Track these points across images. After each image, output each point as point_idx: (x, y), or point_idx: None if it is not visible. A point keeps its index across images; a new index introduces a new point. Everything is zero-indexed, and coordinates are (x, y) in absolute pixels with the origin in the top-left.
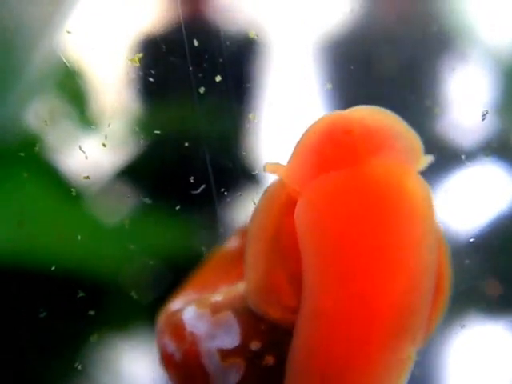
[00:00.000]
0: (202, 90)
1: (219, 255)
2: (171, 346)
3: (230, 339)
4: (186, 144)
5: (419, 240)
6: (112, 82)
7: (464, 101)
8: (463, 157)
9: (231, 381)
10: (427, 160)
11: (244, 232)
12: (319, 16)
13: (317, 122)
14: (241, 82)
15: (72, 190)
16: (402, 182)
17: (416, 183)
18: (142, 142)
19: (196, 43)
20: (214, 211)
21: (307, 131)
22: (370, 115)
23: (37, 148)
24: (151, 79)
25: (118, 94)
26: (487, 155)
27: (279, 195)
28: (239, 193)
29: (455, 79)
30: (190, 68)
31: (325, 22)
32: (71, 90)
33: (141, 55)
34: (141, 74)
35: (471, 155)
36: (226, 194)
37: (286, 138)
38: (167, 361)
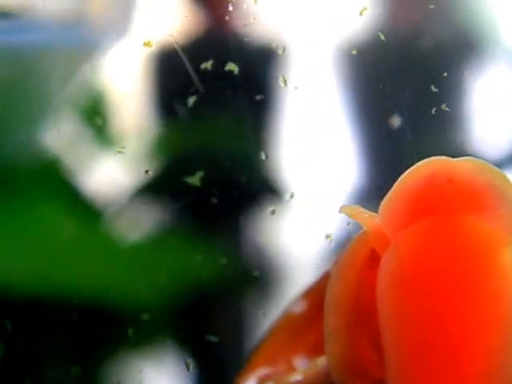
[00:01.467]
0: (219, 104)
1: (285, 321)
2: None
3: None
4: (207, 163)
5: (503, 324)
6: (130, 100)
7: (488, 109)
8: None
9: None
10: None
11: (313, 294)
12: (338, 26)
13: (418, 166)
14: (260, 95)
15: (91, 211)
16: (495, 255)
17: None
18: (161, 161)
19: (217, 58)
20: (237, 231)
21: (405, 176)
22: (478, 169)
23: (55, 170)
24: (169, 95)
25: (137, 113)
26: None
27: (359, 258)
28: (269, 209)
29: (479, 87)
30: (209, 83)
31: (343, 31)
32: (89, 109)
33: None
34: (159, 90)
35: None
36: (248, 213)
37: (306, 150)
38: None
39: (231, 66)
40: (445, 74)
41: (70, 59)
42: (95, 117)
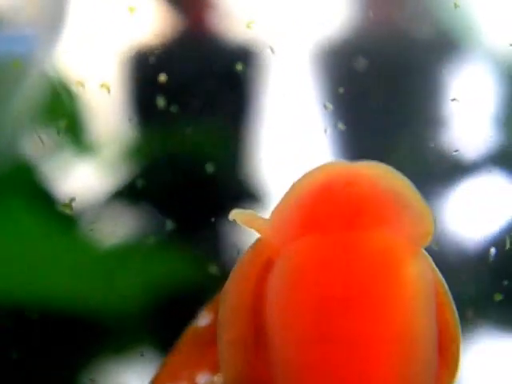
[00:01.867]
0: (200, 110)
1: (190, 335)
2: None
3: None
4: (185, 168)
5: (409, 338)
6: (106, 106)
7: (467, 109)
8: (467, 166)
9: None
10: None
11: (213, 308)
12: (317, 27)
13: (314, 170)
14: (241, 102)
15: (66, 217)
16: (400, 266)
17: (416, 271)
18: (138, 166)
19: (193, 61)
20: (216, 236)
21: (301, 179)
22: (380, 175)
23: (30, 176)
24: (147, 100)
25: (113, 118)
26: (492, 165)
27: (253, 270)
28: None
29: (458, 86)
30: (188, 88)
31: (322, 33)
32: (65, 115)
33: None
34: (136, 94)
35: (475, 165)
36: (227, 217)
37: (287, 156)
38: None
39: (211, 68)
40: (423, 74)
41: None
42: (70, 123)
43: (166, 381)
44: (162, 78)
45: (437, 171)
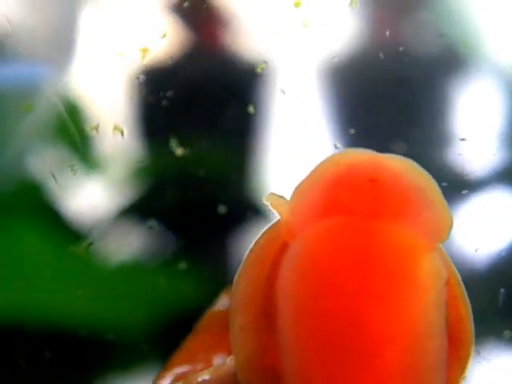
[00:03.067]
0: (208, 126)
1: (209, 319)
2: None
3: None
4: (192, 185)
5: (414, 331)
6: (114, 123)
7: (474, 125)
8: (473, 185)
9: None
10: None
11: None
12: (322, 43)
13: (339, 155)
14: (248, 118)
15: (73, 236)
16: (415, 263)
17: (432, 268)
18: (145, 184)
19: (202, 78)
20: (222, 254)
21: (325, 162)
22: (404, 170)
23: (37, 194)
24: (154, 117)
25: (120, 135)
26: (497, 182)
27: (268, 254)
28: (255, 230)
29: (464, 102)
30: (197, 105)
31: (328, 49)
32: (72, 133)
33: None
34: (144, 111)
35: (481, 183)
36: (234, 234)
37: (294, 168)
38: None
39: (220, 85)
40: (429, 90)
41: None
42: (78, 141)
43: (183, 362)
44: (170, 94)
45: (442, 188)
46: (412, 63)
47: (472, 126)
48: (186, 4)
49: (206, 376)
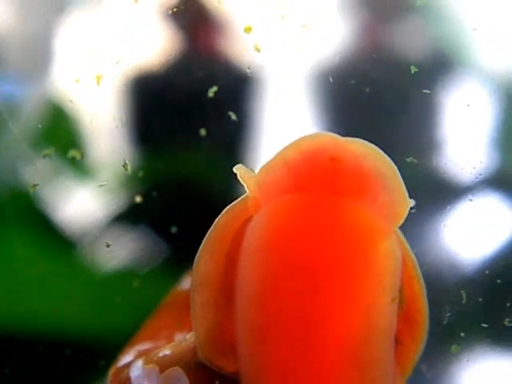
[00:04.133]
0: (201, 131)
1: (174, 297)
2: None
3: None
4: (185, 192)
5: (367, 309)
6: (106, 128)
7: (463, 131)
8: (463, 190)
9: None
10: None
11: None
12: (313, 51)
13: (305, 137)
14: (241, 125)
15: (65, 241)
16: (372, 244)
17: (387, 249)
18: (137, 190)
19: (196, 83)
20: None
21: (291, 143)
22: (365, 152)
23: (29, 201)
24: (148, 122)
25: (113, 140)
26: (487, 187)
27: (226, 234)
28: None
29: (454, 109)
30: (190, 111)
31: (317, 58)
32: (63, 139)
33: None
34: (136, 116)
35: (471, 188)
36: None
37: None
38: None
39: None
40: (419, 96)
41: None
42: (71, 148)
43: (146, 339)
44: (161, 100)
45: (432, 193)
46: (400, 68)
47: (461, 131)
48: (179, 10)
49: (166, 351)
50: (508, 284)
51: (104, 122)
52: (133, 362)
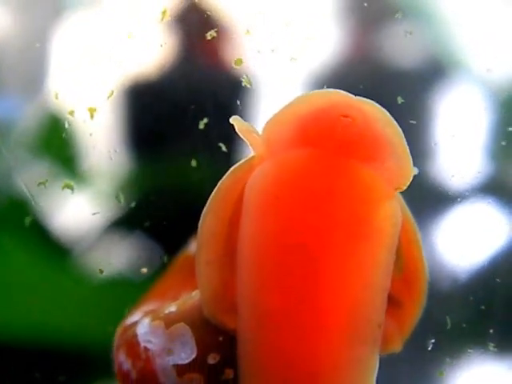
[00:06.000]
0: (196, 142)
1: (182, 260)
2: (126, 364)
3: (186, 353)
4: (180, 200)
5: (368, 274)
6: (101, 137)
7: (457, 137)
8: (458, 197)
9: None
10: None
11: None
12: (304, 58)
13: (316, 93)
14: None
15: (60, 249)
16: (375, 206)
17: (389, 214)
18: (132, 198)
19: (188, 91)
20: None
21: (300, 97)
22: (378, 116)
23: (24, 208)
24: (143, 131)
25: (107, 150)
26: (482, 195)
27: (230, 195)
28: None
29: (447, 115)
30: (187, 120)
31: (309, 64)
32: (59, 147)
33: None
34: (132, 125)
35: (465, 194)
36: None
37: None
38: (123, 380)
39: (211, 100)
40: (412, 103)
41: None
42: (65, 154)
43: (153, 300)
44: (158, 108)
45: (426, 201)
46: (392, 74)
47: (454, 138)
48: (181, 17)
49: (172, 308)
50: (491, 310)
51: (100, 131)
52: (140, 320)
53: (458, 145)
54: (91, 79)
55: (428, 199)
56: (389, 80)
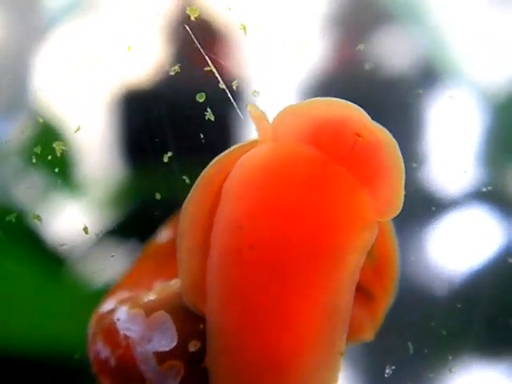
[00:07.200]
0: (192, 151)
1: (153, 248)
2: (104, 352)
3: (166, 341)
4: (174, 208)
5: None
6: (95, 145)
7: (452, 143)
8: (450, 202)
9: None
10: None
11: (177, 223)
12: (293, 66)
13: (339, 101)
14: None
15: (55, 258)
16: (354, 235)
17: (363, 245)
18: (127, 206)
19: (189, 101)
20: None
21: (324, 100)
22: (387, 142)
23: (19, 218)
24: (136, 137)
25: (102, 157)
26: (473, 200)
27: (213, 183)
28: None
29: (442, 120)
30: (182, 129)
31: (299, 72)
32: (54, 156)
33: None
34: (125, 132)
35: (458, 200)
36: None
37: None
38: (101, 368)
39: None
40: (403, 109)
41: None
42: (60, 165)
43: (125, 288)
44: (154, 115)
45: (417, 207)
46: (385, 79)
47: (447, 143)
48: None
49: (151, 296)
50: (451, 336)
51: (94, 139)
52: (116, 308)
53: (452, 151)
54: (84, 89)
55: (421, 205)
56: (382, 86)
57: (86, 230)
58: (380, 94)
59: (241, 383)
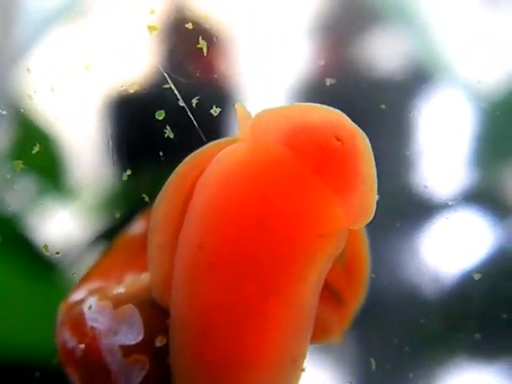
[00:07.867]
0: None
1: (123, 241)
2: (71, 342)
3: (133, 334)
4: None
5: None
6: (86, 150)
7: (442, 144)
8: (442, 204)
9: (135, 379)
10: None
11: (149, 216)
12: (284, 69)
13: (322, 107)
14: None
15: (45, 263)
16: (322, 244)
17: (330, 253)
18: (118, 211)
19: (174, 104)
20: None
21: (305, 105)
22: (362, 153)
23: (9, 222)
24: (128, 143)
25: (93, 162)
26: (464, 203)
27: (186, 180)
28: None
29: (434, 121)
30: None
31: (289, 74)
32: (44, 160)
33: None
34: (116, 138)
35: (447, 203)
36: None
37: None
38: (67, 358)
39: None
40: (394, 110)
41: None
42: (50, 168)
43: (96, 278)
44: (147, 121)
45: (408, 209)
46: (376, 80)
47: (438, 146)
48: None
49: (121, 289)
50: (414, 353)
51: (85, 143)
52: (85, 298)
53: (443, 152)
54: (75, 93)
55: (411, 208)
56: (373, 87)
57: (46, 248)
58: (371, 94)
59: (200, 379)
